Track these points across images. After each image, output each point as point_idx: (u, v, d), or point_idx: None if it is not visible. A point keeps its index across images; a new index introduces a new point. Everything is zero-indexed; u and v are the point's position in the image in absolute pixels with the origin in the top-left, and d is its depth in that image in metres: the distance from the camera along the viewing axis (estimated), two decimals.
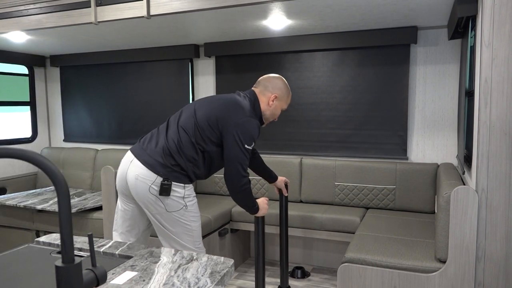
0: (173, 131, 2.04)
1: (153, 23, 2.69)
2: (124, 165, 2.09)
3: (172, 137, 2.02)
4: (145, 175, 1.97)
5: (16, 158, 0.73)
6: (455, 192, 1.90)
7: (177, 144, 2.00)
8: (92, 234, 0.85)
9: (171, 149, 2.00)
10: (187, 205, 2.01)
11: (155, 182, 1.96)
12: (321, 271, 3.25)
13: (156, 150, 2.02)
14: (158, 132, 2.11)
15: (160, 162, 1.98)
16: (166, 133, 2.06)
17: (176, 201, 1.99)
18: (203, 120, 2.01)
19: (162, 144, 2.02)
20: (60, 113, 4.40)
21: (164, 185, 1.95)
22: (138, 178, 1.99)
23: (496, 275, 1.90)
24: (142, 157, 2.02)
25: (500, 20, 1.80)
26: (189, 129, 2.01)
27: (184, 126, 2.02)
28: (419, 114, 3.04)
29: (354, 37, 3.05)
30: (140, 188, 1.98)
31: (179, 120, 2.07)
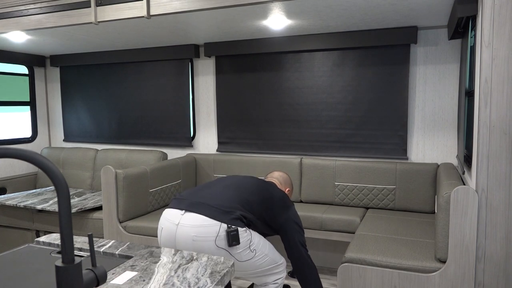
0: (233, 193, 1.98)
1: (153, 23, 2.69)
2: (170, 230, 1.87)
3: (236, 196, 1.96)
4: (205, 230, 1.80)
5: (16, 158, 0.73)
6: (455, 192, 1.90)
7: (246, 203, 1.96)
8: (92, 234, 0.85)
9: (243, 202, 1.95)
10: (255, 250, 1.94)
11: (219, 234, 1.79)
12: (321, 271, 3.25)
13: (221, 198, 1.90)
14: (209, 189, 2.01)
15: (223, 210, 1.84)
16: (226, 190, 1.99)
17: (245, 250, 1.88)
18: (263, 200, 2.04)
19: (231, 195, 1.94)
20: (60, 113, 4.40)
21: (231, 231, 1.79)
22: (196, 239, 1.80)
23: (496, 275, 1.90)
24: (196, 209, 1.85)
25: (500, 20, 1.80)
26: (251, 201, 1.99)
27: (247, 197, 1.99)
28: (419, 114, 3.04)
29: (354, 37, 3.05)
30: (203, 249, 1.81)
31: (236, 187, 2.02)
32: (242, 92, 3.51)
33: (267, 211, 2.03)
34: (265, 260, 1.99)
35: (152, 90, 3.86)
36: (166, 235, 1.86)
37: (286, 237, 2.10)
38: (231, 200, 1.90)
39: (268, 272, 2.04)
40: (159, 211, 3.14)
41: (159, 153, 3.65)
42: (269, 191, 2.10)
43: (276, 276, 2.10)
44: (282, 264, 2.12)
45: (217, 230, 1.79)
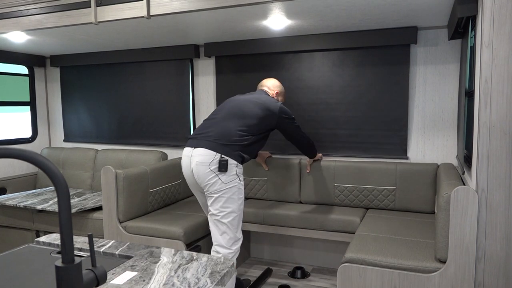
0: (230, 124, 2.50)
1: (153, 23, 2.69)
2: (186, 162, 2.51)
3: (231, 127, 2.49)
4: (204, 158, 2.42)
5: (16, 158, 0.73)
6: (455, 192, 1.90)
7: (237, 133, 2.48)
8: (92, 234, 0.85)
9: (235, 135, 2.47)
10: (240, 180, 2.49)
11: (213, 161, 2.40)
12: (321, 271, 3.25)
13: (219, 135, 2.46)
14: (211, 126, 2.53)
15: (220, 143, 2.43)
16: (222, 124, 2.51)
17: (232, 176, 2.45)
18: (255, 117, 2.54)
19: (226, 129, 2.48)
20: (60, 113, 4.40)
21: (222, 161, 2.39)
22: (198, 163, 2.43)
23: (496, 275, 1.90)
24: (200, 144, 2.46)
25: (500, 20, 1.80)
26: (246, 124, 2.51)
27: (242, 122, 2.51)
28: (419, 114, 3.04)
29: (354, 37, 3.05)
30: (201, 171, 2.42)
31: (230, 117, 2.53)
32: (242, 92, 3.50)
33: (264, 123, 2.56)
34: (238, 204, 2.47)
35: (152, 90, 3.86)
36: (185, 166, 2.54)
37: (285, 134, 2.73)
38: (229, 133, 2.46)
39: (229, 224, 2.45)
40: (159, 211, 3.14)
41: (159, 153, 3.65)
42: (256, 105, 2.56)
43: (227, 241, 2.46)
44: (238, 239, 2.52)
45: (213, 157, 2.41)
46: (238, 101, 2.62)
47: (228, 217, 2.45)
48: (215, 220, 2.46)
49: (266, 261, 3.48)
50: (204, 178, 2.41)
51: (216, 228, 2.47)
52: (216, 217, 2.45)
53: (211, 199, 2.45)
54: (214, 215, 2.46)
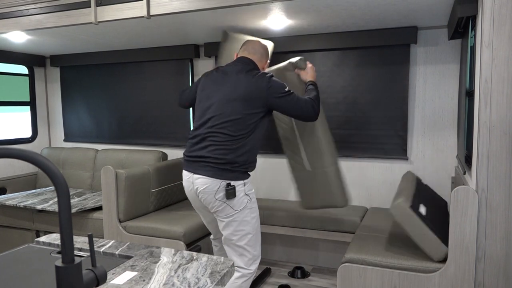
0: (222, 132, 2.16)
1: (153, 23, 2.69)
2: (189, 187, 2.27)
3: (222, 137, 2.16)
4: (208, 187, 2.16)
5: (16, 158, 0.73)
6: (455, 192, 1.90)
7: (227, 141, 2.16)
8: (92, 234, 0.85)
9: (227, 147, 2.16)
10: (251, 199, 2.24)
11: (218, 189, 2.15)
12: (321, 271, 3.25)
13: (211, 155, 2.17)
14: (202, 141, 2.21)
15: (220, 167, 2.15)
16: (214, 136, 2.17)
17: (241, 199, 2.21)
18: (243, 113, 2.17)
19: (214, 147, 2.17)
20: (60, 113, 4.40)
21: (228, 190, 2.13)
22: (202, 192, 2.19)
23: (496, 275, 1.90)
24: (198, 171, 2.19)
25: (500, 20, 1.80)
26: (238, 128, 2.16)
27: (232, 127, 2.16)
28: (419, 114, 3.04)
29: (354, 37, 3.05)
30: (208, 199, 2.19)
31: (219, 120, 2.17)
32: None
33: (259, 108, 2.18)
34: (251, 225, 2.23)
35: (152, 90, 3.85)
36: (188, 190, 2.29)
37: (284, 112, 2.26)
38: (224, 149, 2.14)
39: (246, 246, 2.23)
40: (160, 211, 3.14)
41: (159, 153, 3.65)
42: (252, 92, 2.16)
43: (246, 262, 2.25)
44: (257, 257, 2.30)
45: (218, 185, 2.14)
46: (220, 99, 2.20)
47: (244, 239, 2.22)
48: (231, 243, 2.25)
49: (266, 261, 3.48)
50: (212, 205, 2.20)
51: (232, 250, 2.27)
52: (231, 241, 2.24)
53: (222, 223, 2.23)
54: (228, 239, 2.25)
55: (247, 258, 2.25)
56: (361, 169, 3.18)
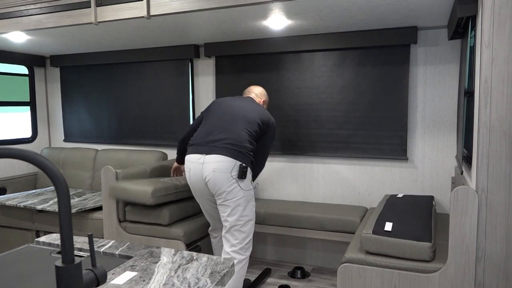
0: (240, 129, 2.48)
1: (153, 23, 2.69)
2: (196, 168, 2.45)
3: (242, 133, 2.47)
4: (224, 165, 2.38)
5: (16, 158, 0.74)
6: (455, 192, 1.90)
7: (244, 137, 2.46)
8: (92, 234, 0.85)
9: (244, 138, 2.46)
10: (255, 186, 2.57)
11: (234, 167, 2.38)
12: (321, 271, 3.25)
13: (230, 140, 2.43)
14: (219, 131, 2.49)
15: (237, 150, 2.41)
16: (233, 129, 2.47)
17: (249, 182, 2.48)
18: (257, 125, 2.55)
19: (234, 134, 2.45)
20: (60, 113, 4.40)
21: (243, 168, 2.39)
22: (216, 170, 2.37)
23: (496, 275, 1.90)
24: (215, 151, 2.41)
25: (500, 20, 1.80)
26: (251, 130, 2.51)
27: (247, 128, 2.50)
28: (419, 114, 3.04)
29: (354, 37, 3.05)
30: (220, 178, 2.38)
31: (237, 121, 2.50)
32: (242, 92, 3.50)
33: (261, 132, 2.58)
34: (252, 212, 2.48)
35: (152, 90, 3.86)
36: (194, 172, 2.46)
37: (264, 142, 2.64)
38: (242, 139, 2.43)
39: (244, 228, 2.44)
40: None
41: (159, 153, 3.65)
42: (260, 115, 2.58)
43: (243, 247, 2.45)
44: (251, 246, 2.52)
45: (234, 164, 2.38)
46: (237, 105, 2.61)
47: (247, 225, 2.45)
48: (234, 230, 2.43)
49: (266, 261, 3.48)
50: (223, 185, 2.37)
51: (232, 236, 2.44)
52: (236, 226, 2.43)
53: (228, 208, 2.41)
54: (234, 225, 2.43)
55: (245, 245, 2.46)
56: (361, 169, 3.18)
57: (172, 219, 2.79)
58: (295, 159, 3.37)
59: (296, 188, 3.39)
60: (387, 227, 2.12)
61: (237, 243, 2.44)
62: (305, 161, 3.35)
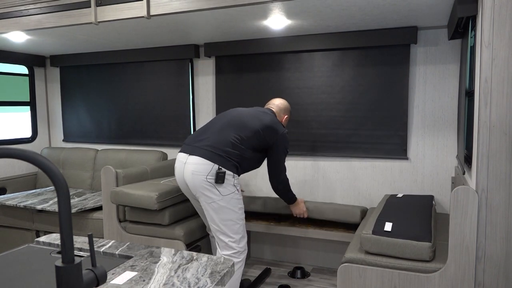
0: (227, 133, 2.43)
1: (153, 23, 2.69)
2: (180, 168, 2.44)
3: (228, 137, 2.41)
4: (201, 167, 2.33)
5: (16, 158, 0.74)
6: (455, 192, 1.90)
7: (233, 143, 2.40)
8: (92, 234, 0.85)
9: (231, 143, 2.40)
10: (238, 190, 2.43)
11: (211, 172, 2.32)
12: (321, 271, 3.25)
13: (215, 143, 2.38)
14: (207, 133, 2.47)
15: (217, 153, 2.35)
16: (220, 132, 2.44)
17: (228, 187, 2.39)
18: (254, 132, 2.46)
19: (222, 138, 2.40)
20: (60, 113, 4.40)
21: (219, 173, 2.31)
22: (194, 173, 2.33)
23: (496, 275, 1.90)
24: (196, 152, 2.38)
25: (500, 20, 1.80)
26: (243, 136, 2.43)
27: (239, 134, 2.43)
28: (419, 114, 3.04)
29: (354, 37, 3.05)
30: (197, 180, 2.33)
31: (229, 126, 2.46)
32: (242, 92, 3.51)
33: (258, 138, 2.48)
34: (237, 215, 2.41)
35: (152, 90, 3.86)
36: (177, 171, 2.47)
37: (270, 156, 2.57)
38: (225, 143, 2.38)
39: (230, 232, 2.39)
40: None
41: (159, 153, 3.65)
42: (259, 120, 2.50)
43: (230, 250, 2.41)
44: (244, 251, 2.46)
45: (210, 168, 2.32)
46: (240, 112, 2.57)
47: (232, 229, 2.39)
48: (220, 234, 2.40)
49: (266, 261, 3.48)
50: (199, 187, 2.34)
51: (220, 241, 2.42)
52: (220, 231, 2.40)
53: (208, 212, 2.38)
54: (217, 229, 2.40)
55: (234, 250, 2.41)
56: (361, 169, 3.18)
57: (172, 219, 2.78)
58: (295, 159, 3.37)
59: (296, 188, 3.39)
60: (387, 227, 2.12)
61: (224, 246, 2.41)
62: (305, 161, 3.35)
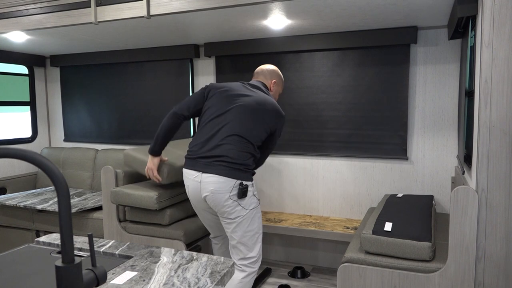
0: (236, 139, 2.25)
1: (153, 23, 2.69)
2: (195, 187, 2.28)
3: (240, 145, 2.25)
4: (222, 186, 2.20)
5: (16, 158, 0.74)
6: (455, 192, 1.90)
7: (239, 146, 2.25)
8: (92, 234, 0.85)
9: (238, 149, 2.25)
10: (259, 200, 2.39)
11: (233, 188, 2.20)
12: (321, 271, 3.25)
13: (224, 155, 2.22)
14: (213, 142, 2.26)
15: (234, 168, 2.21)
16: (229, 141, 2.24)
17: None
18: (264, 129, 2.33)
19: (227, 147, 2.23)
20: (60, 113, 4.40)
21: (242, 189, 2.20)
22: (214, 192, 2.20)
23: (496, 275, 1.90)
24: (210, 170, 2.21)
25: (500, 20, 1.80)
26: (252, 140, 2.28)
27: (248, 138, 2.27)
28: (419, 114, 3.04)
29: (354, 37, 3.05)
30: (219, 199, 2.21)
31: (233, 130, 2.26)
32: None
33: (265, 132, 2.34)
34: (258, 224, 2.33)
35: (152, 90, 3.86)
36: (192, 189, 2.29)
37: (270, 141, 2.45)
38: (237, 152, 2.22)
39: (250, 243, 2.32)
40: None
41: None
42: (264, 113, 2.32)
43: (252, 261, 2.35)
44: (260, 256, 2.39)
45: (232, 185, 2.20)
46: (244, 108, 2.29)
47: (252, 239, 2.31)
48: (240, 245, 2.32)
49: (266, 261, 3.48)
50: (222, 206, 2.22)
51: (239, 251, 2.34)
52: (241, 241, 2.31)
53: (232, 225, 2.27)
54: (239, 241, 2.31)
55: (254, 258, 2.33)
56: (361, 169, 3.18)
57: (172, 219, 2.78)
58: (295, 159, 3.37)
59: (296, 188, 3.39)
60: (387, 227, 2.12)
61: (244, 257, 2.33)
62: (305, 161, 3.35)
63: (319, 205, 3.32)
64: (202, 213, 2.45)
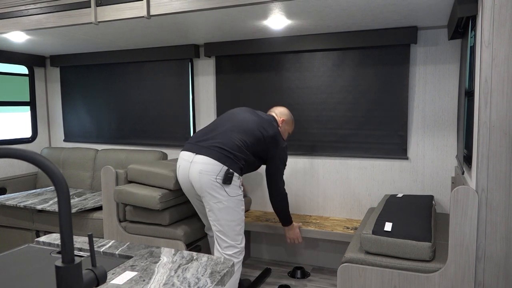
0: (234, 136, 2.47)
1: (153, 23, 2.69)
2: (185, 166, 2.45)
3: (235, 140, 2.45)
4: (209, 167, 2.35)
5: (16, 158, 0.74)
6: (455, 192, 1.90)
7: (239, 145, 2.45)
8: (92, 234, 0.85)
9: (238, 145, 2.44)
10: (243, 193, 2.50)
11: (220, 172, 2.35)
12: (321, 271, 3.25)
13: (222, 144, 2.41)
14: (213, 133, 2.50)
15: (225, 154, 2.38)
16: (226, 134, 2.47)
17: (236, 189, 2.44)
18: (258, 139, 2.52)
19: (229, 139, 2.44)
20: (60, 113, 4.40)
21: (228, 174, 2.35)
22: (201, 172, 2.35)
23: (496, 275, 1.90)
24: (203, 152, 2.40)
25: (500, 20, 1.80)
26: (248, 142, 2.48)
27: (244, 138, 2.47)
28: (419, 114, 3.04)
29: (354, 37, 3.05)
30: (205, 180, 2.35)
31: (235, 130, 2.49)
32: (242, 92, 3.51)
33: (260, 146, 2.54)
34: (240, 216, 2.45)
35: (152, 90, 3.86)
36: (182, 170, 2.47)
37: (269, 167, 2.64)
38: (232, 145, 2.41)
39: (232, 233, 2.43)
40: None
41: (159, 153, 3.65)
42: (264, 130, 2.55)
43: (235, 252, 2.46)
44: (243, 250, 2.50)
45: (220, 169, 2.35)
46: (246, 117, 2.59)
47: (234, 230, 2.42)
48: (222, 234, 2.42)
49: (266, 261, 3.48)
50: (206, 187, 2.36)
51: (222, 241, 2.44)
52: (222, 231, 2.42)
53: (212, 212, 2.40)
54: (220, 230, 2.42)
55: (237, 249, 2.45)
56: (361, 169, 3.18)
57: (172, 219, 2.78)
58: (295, 159, 3.37)
59: (296, 188, 3.39)
60: (387, 227, 2.13)
61: (226, 247, 2.44)
62: (305, 161, 3.35)
63: (319, 205, 3.32)
64: (192, 199, 2.62)
